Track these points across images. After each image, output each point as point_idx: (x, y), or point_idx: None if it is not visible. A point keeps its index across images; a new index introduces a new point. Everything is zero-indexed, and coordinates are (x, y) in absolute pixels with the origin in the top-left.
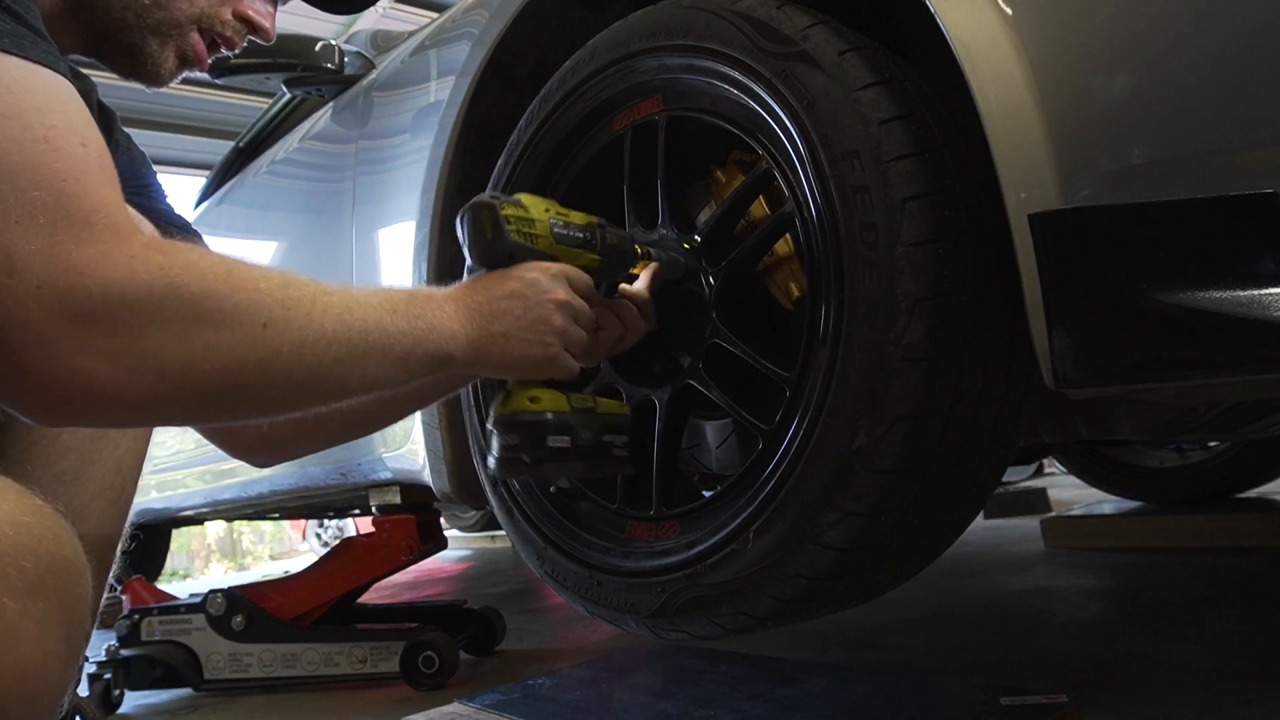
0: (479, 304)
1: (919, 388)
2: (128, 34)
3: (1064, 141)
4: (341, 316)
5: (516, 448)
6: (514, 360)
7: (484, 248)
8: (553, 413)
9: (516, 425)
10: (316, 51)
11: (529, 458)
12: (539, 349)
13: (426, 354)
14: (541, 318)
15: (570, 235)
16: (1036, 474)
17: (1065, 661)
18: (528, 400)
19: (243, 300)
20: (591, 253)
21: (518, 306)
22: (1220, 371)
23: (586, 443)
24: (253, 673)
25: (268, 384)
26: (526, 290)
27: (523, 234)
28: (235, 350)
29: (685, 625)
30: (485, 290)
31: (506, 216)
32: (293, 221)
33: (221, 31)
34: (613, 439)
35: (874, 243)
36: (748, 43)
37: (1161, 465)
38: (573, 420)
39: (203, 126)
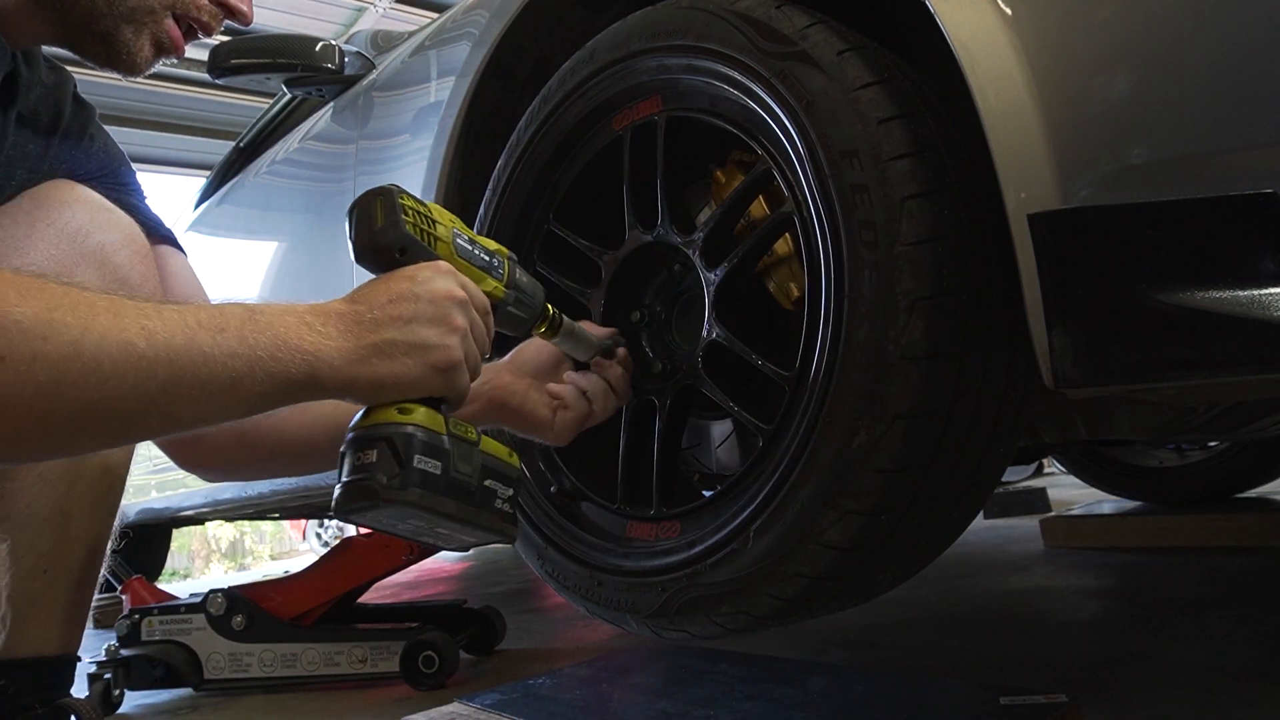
0: (356, 312)
1: (919, 386)
2: (100, 22)
3: (1064, 141)
4: (131, 342)
5: (372, 467)
6: (401, 372)
7: (370, 236)
8: (425, 429)
9: (376, 439)
10: (317, 52)
11: (386, 478)
12: (434, 354)
13: (270, 377)
14: (436, 317)
15: (475, 254)
16: (1036, 474)
17: (1065, 661)
18: (395, 410)
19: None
20: (496, 280)
21: (405, 309)
22: (1220, 371)
23: (463, 478)
24: (253, 672)
25: (13, 422)
26: (416, 288)
27: (419, 230)
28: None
29: (686, 625)
30: (365, 297)
31: (404, 205)
32: (293, 221)
33: (197, 16)
34: (496, 486)
35: (873, 242)
36: (746, 43)
37: (1161, 465)
38: (449, 445)
39: (203, 126)
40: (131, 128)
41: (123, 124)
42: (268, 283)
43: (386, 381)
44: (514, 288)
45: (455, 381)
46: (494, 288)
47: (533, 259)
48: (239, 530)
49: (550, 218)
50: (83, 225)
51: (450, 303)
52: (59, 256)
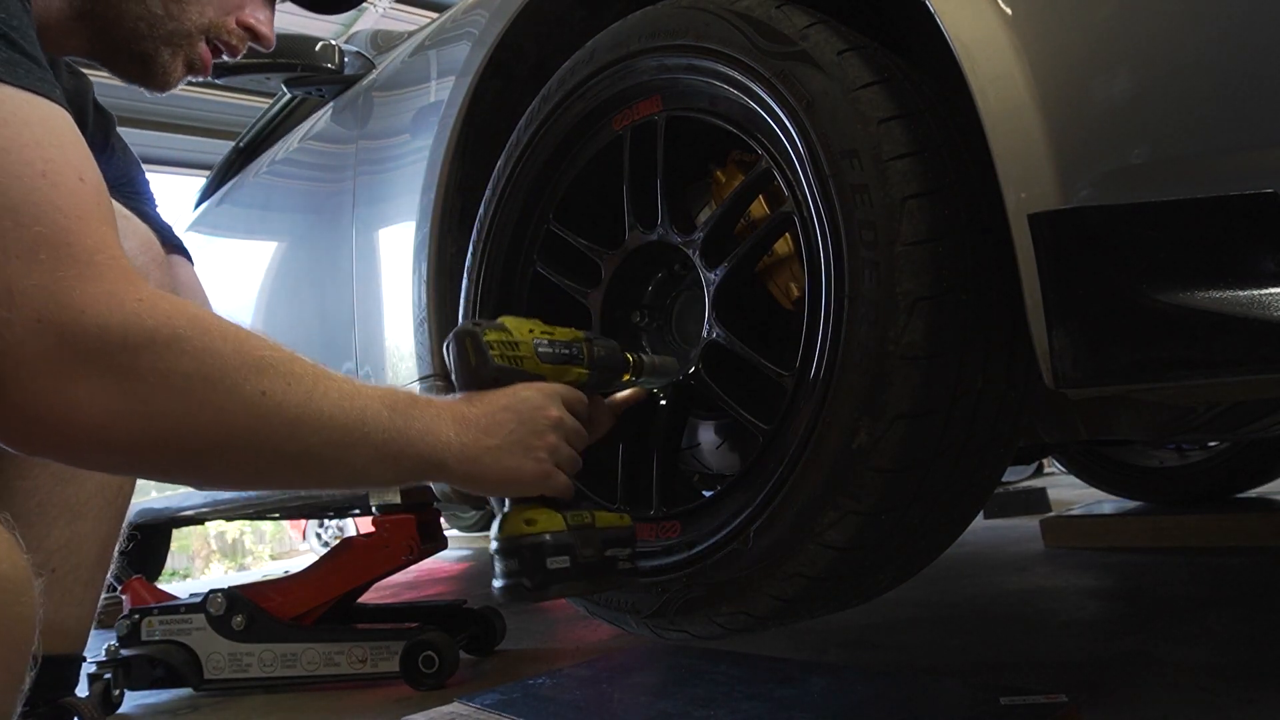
0: (475, 416)
1: (918, 386)
2: (140, 44)
3: (1064, 141)
4: (340, 402)
5: (518, 573)
6: (506, 473)
7: (469, 374)
8: (550, 534)
9: (516, 550)
10: (317, 52)
11: (530, 582)
12: (532, 464)
13: (419, 456)
14: (535, 432)
15: (556, 353)
16: (1036, 474)
17: (1065, 661)
18: (523, 523)
19: (245, 364)
20: (580, 367)
21: (511, 420)
22: (1220, 371)
23: (588, 560)
24: (253, 672)
25: (253, 453)
26: (520, 406)
27: (507, 358)
28: (227, 412)
29: (686, 625)
30: (480, 404)
31: (489, 342)
32: (293, 221)
33: (227, 40)
34: (616, 552)
35: (873, 241)
36: (747, 42)
37: (1161, 465)
38: (571, 539)
39: (203, 126)
40: (133, 128)
41: (123, 124)
42: (267, 283)
43: (495, 479)
44: (594, 366)
45: (552, 484)
46: (578, 374)
47: (533, 259)
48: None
49: (550, 218)
50: None
51: (545, 421)
52: None
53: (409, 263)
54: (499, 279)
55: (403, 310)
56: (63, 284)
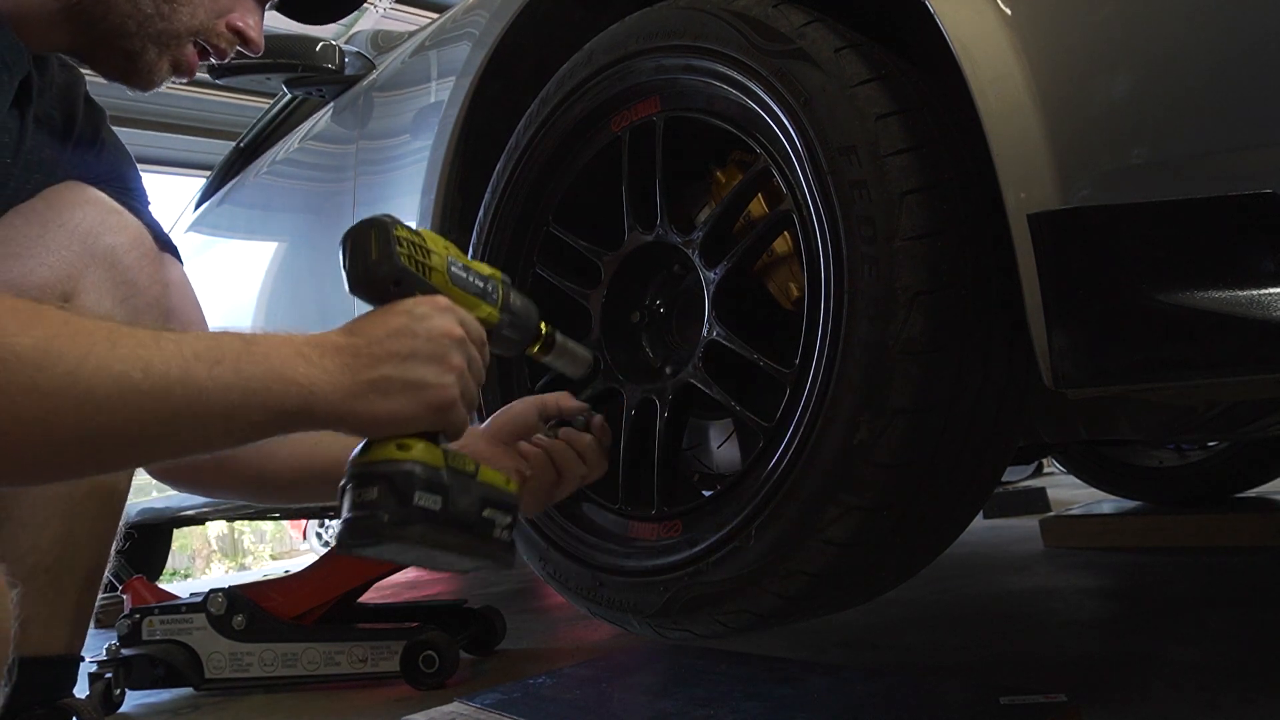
0: (354, 345)
1: (919, 382)
2: (127, 41)
3: (1063, 141)
4: (125, 373)
5: (374, 504)
6: (397, 410)
7: (365, 269)
8: (424, 465)
9: (378, 477)
10: (317, 52)
11: (389, 516)
12: (431, 393)
13: (266, 408)
14: (434, 355)
15: (469, 281)
16: (1036, 474)
17: (1065, 661)
18: (395, 447)
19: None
20: (490, 306)
21: (403, 346)
22: (1220, 371)
23: (462, 512)
24: (253, 672)
25: (11, 448)
26: (414, 325)
27: (414, 261)
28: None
29: (688, 624)
30: (363, 330)
31: (399, 237)
32: (293, 222)
33: (216, 43)
34: (494, 516)
35: (872, 237)
36: (744, 42)
37: (1161, 465)
38: (448, 479)
39: (203, 126)
40: (132, 128)
41: (123, 124)
42: (268, 283)
43: (382, 419)
44: (508, 312)
45: (452, 418)
46: (488, 314)
47: (533, 260)
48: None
49: (550, 219)
50: (93, 227)
51: (448, 341)
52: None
53: None
54: None
55: None
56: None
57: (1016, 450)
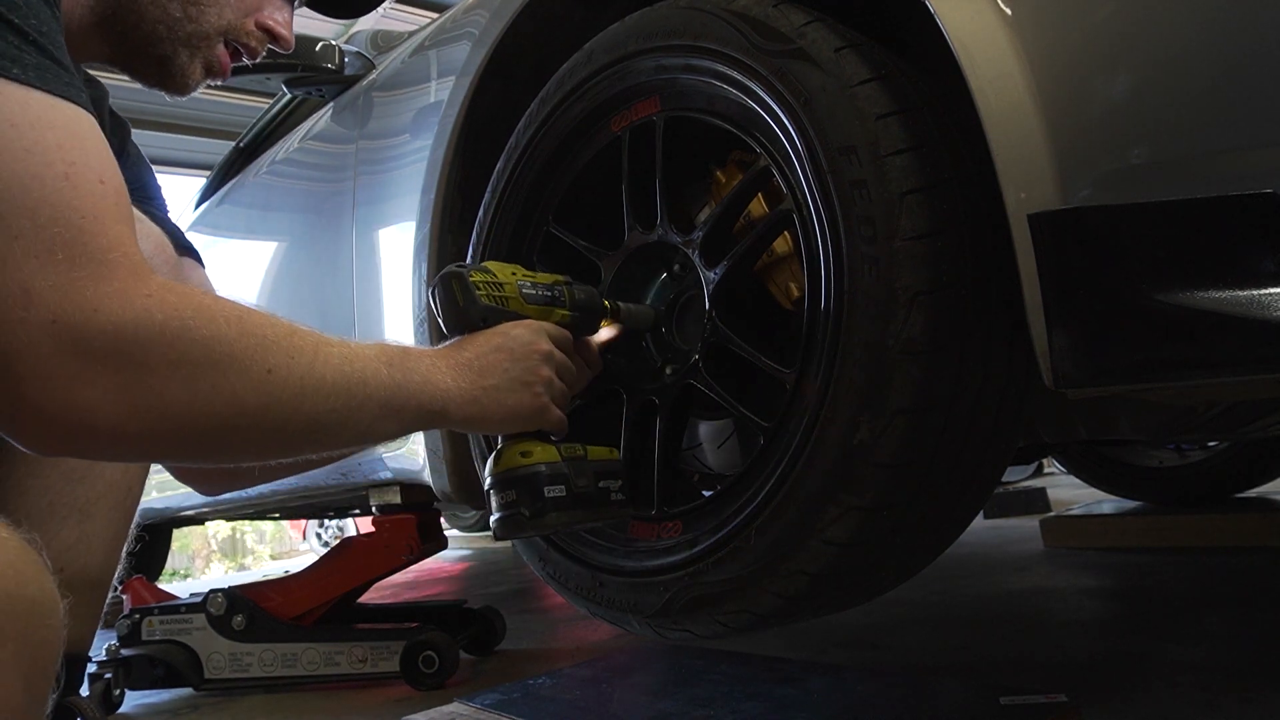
0: (468, 360)
1: (919, 381)
2: (159, 47)
3: (1064, 141)
4: (341, 367)
5: (515, 503)
6: (507, 412)
7: (457, 314)
8: (545, 464)
9: (513, 481)
10: (317, 52)
11: (529, 510)
12: (529, 399)
13: (420, 407)
14: (530, 369)
15: (538, 294)
16: (1036, 474)
17: (1065, 661)
18: (519, 455)
19: (250, 345)
20: (562, 309)
21: (505, 360)
22: (1220, 371)
23: (583, 489)
24: (253, 672)
25: (265, 429)
26: (511, 344)
27: (493, 297)
28: (238, 394)
29: (688, 624)
30: (472, 347)
31: (475, 283)
32: (293, 221)
33: (246, 42)
34: (608, 484)
35: (872, 237)
36: (744, 41)
37: (1161, 465)
38: (566, 469)
39: (203, 126)
40: (133, 128)
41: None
42: (268, 283)
43: (497, 418)
44: (576, 308)
45: (548, 418)
46: (562, 315)
47: (533, 260)
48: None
49: (550, 219)
50: None
51: (537, 355)
52: None
53: (409, 263)
54: None
55: (403, 310)
56: (77, 284)
57: (1016, 450)
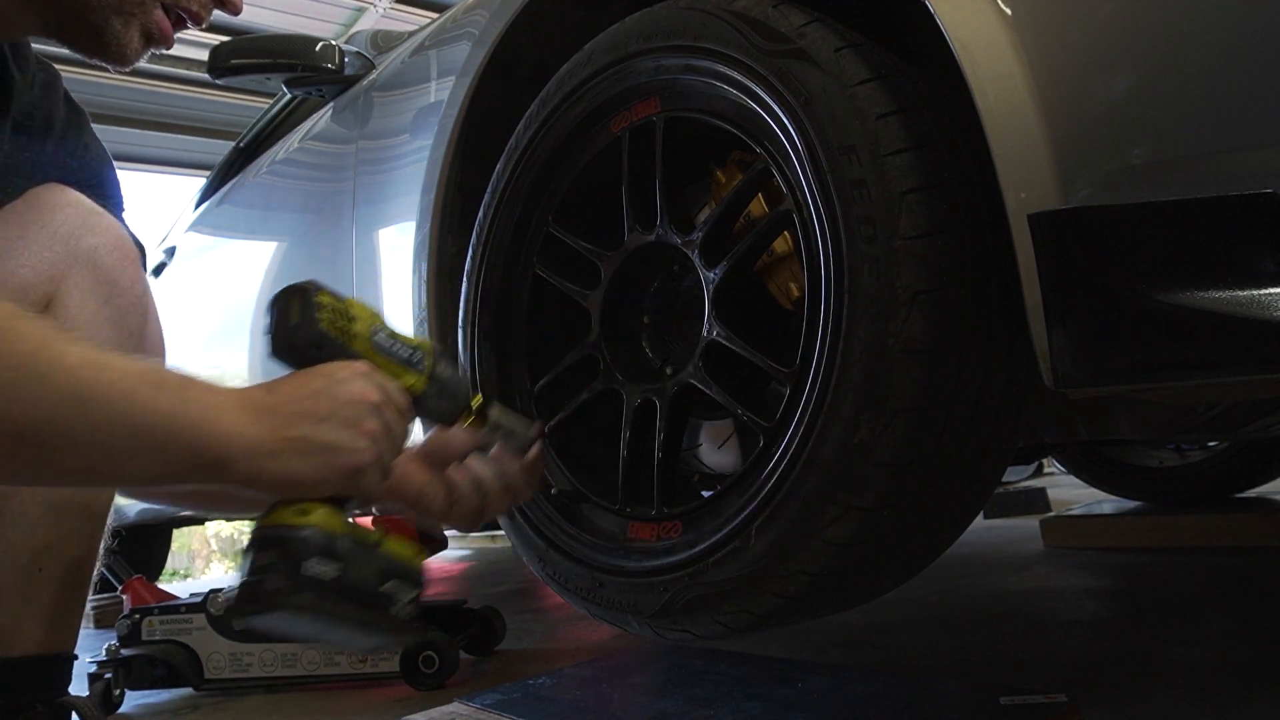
0: (272, 404)
1: (919, 381)
2: (89, 15)
3: (1063, 141)
4: (77, 371)
5: (267, 568)
6: (312, 472)
7: (286, 334)
8: (323, 532)
9: (276, 541)
10: (317, 52)
11: (281, 582)
12: (344, 457)
13: (192, 449)
14: (351, 420)
15: (393, 349)
16: (1036, 474)
17: (1065, 661)
18: (295, 512)
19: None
20: (416, 374)
21: (322, 407)
22: (1220, 371)
23: (359, 582)
24: (253, 672)
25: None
26: (334, 389)
27: (335, 327)
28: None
29: (688, 625)
30: (282, 390)
31: (319, 303)
32: (293, 222)
33: (187, 6)
34: (396, 590)
35: (872, 236)
36: (744, 42)
37: (1161, 465)
38: (348, 548)
39: (203, 126)
40: (132, 128)
41: (123, 124)
42: (267, 283)
43: (290, 479)
44: (436, 381)
45: (362, 483)
46: (414, 382)
47: (532, 261)
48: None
49: (550, 219)
50: (75, 228)
51: (365, 405)
52: (52, 259)
53: (409, 263)
54: (498, 281)
55: (403, 310)
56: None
57: (1016, 450)
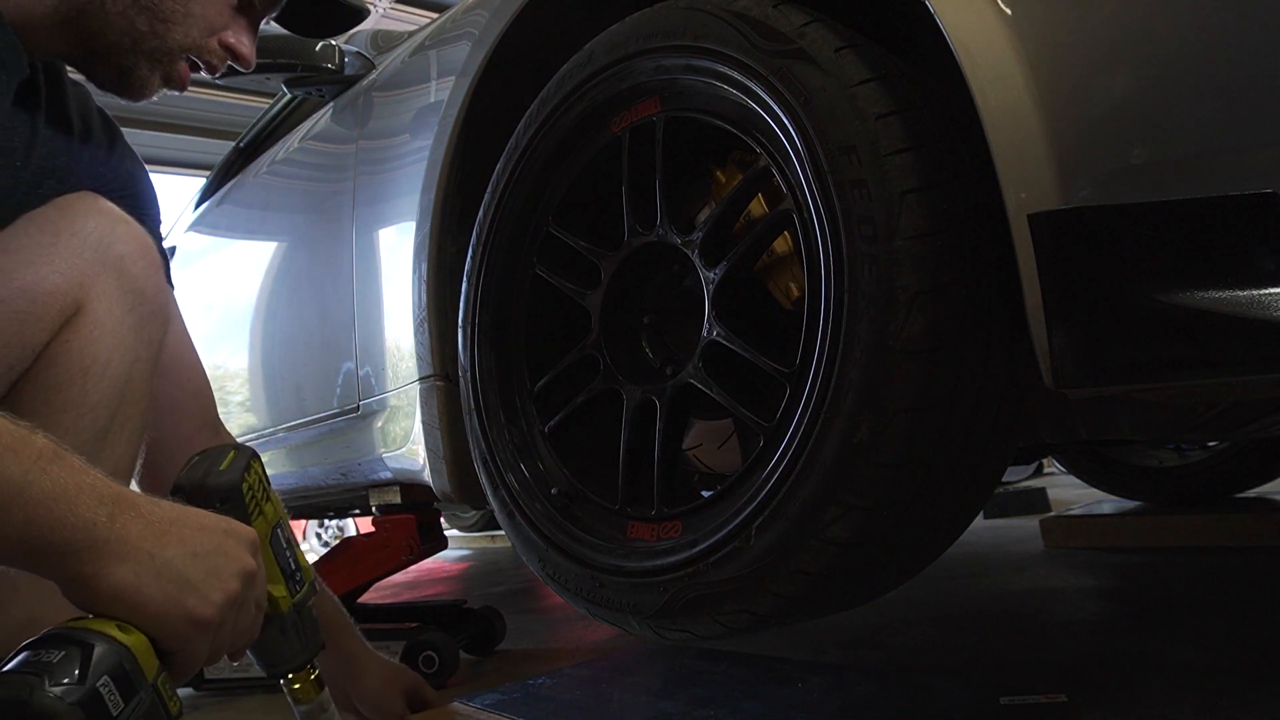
0: (153, 514)
1: (919, 381)
2: (121, 57)
3: (1063, 141)
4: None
5: (47, 667)
6: (156, 599)
7: (206, 472)
8: (135, 661)
9: (72, 641)
10: (317, 52)
11: (54, 683)
12: (194, 601)
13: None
14: (217, 570)
15: (284, 553)
16: (1036, 474)
17: (1065, 661)
18: (115, 626)
19: None
20: (288, 592)
21: (202, 543)
22: (1220, 371)
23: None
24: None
25: None
26: (222, 538)
27: (252, 496)
28: None
29: (688, 625)
30: (176, 508)
31: (253, 467)
32: (293, 222)
33: (209, 60)
34: None
35: (872, 236)
36: (744, 42)
37: (1161, 465)
38: (143, 695)
39: (203, 126)
40: (132, 128)
41: (123, 124)
42: (267, 283)
43: (129, 598)
44: (299, 612)
45: (192, 643)
46: (282, 596)
47: (532, 261)
48: None
49: (549, 219)
50: (104, 236)
51: (239, 568)
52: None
53: (409, 263)
54: (498, 281)
55: (403, 310)
56: None
57: (1016, 450)
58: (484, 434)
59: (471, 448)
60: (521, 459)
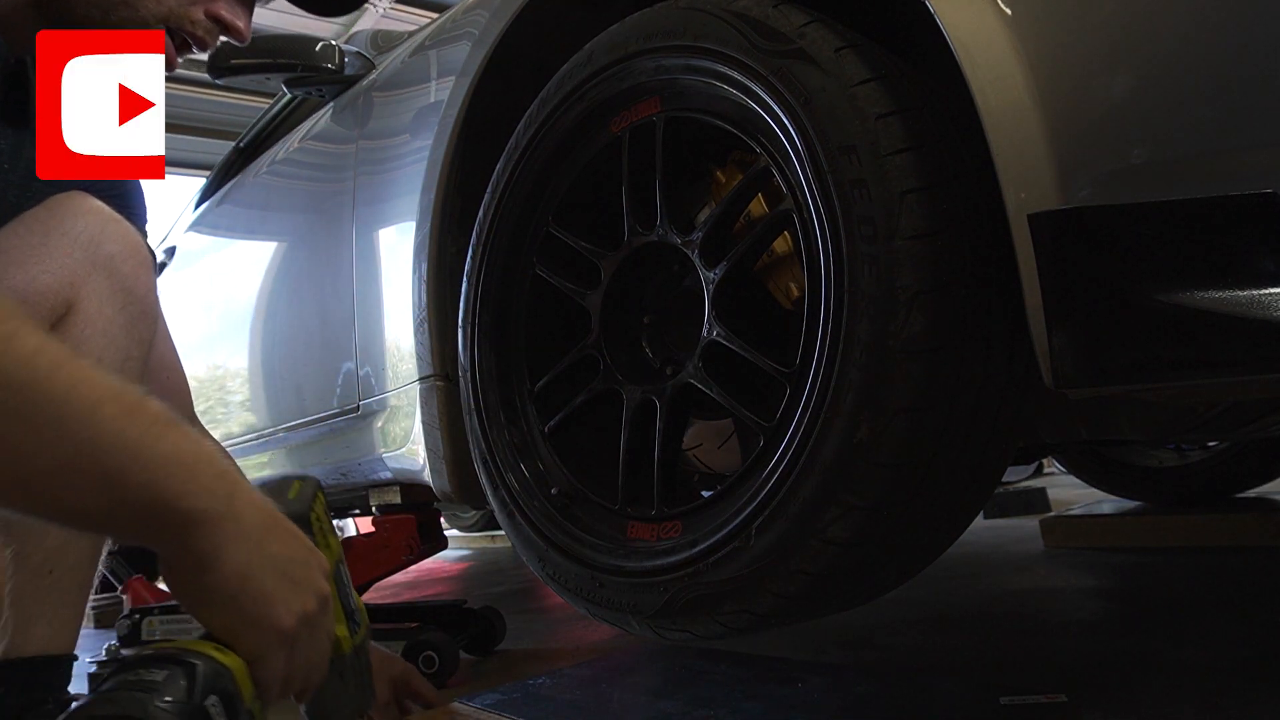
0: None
1: (920, 381)
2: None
3: (1063, 141)
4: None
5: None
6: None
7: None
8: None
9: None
10: (317, 52)
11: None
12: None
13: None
14: (304, 583)
15: (345, 592)
16: (1036, 474)
17: (1065, 661)
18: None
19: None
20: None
21: (297, 552)
22: (1220, 372)
23: None
24: None
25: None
26: (309, 553)
27: (320, 528)
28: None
29: (688, 625)
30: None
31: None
32: (293, 221)
33: (192, 31)
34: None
35: (872, 236)
36: (744, 42)
37: (1161, 465)
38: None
39: (203, 126)
40: None
41: None
42: (267, 283)
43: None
44: (359, 655)
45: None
46: (344, 637)
47: (532, 261)
48: None
49: (549, 219)
50: (95, 235)
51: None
52: (73, 265)
53: (409, 263)
54: (498, 281)
55: (403, 310)
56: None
57: (1016, 450)
58: (484, 434)
59: (471, 448)
60: (521, 459)
